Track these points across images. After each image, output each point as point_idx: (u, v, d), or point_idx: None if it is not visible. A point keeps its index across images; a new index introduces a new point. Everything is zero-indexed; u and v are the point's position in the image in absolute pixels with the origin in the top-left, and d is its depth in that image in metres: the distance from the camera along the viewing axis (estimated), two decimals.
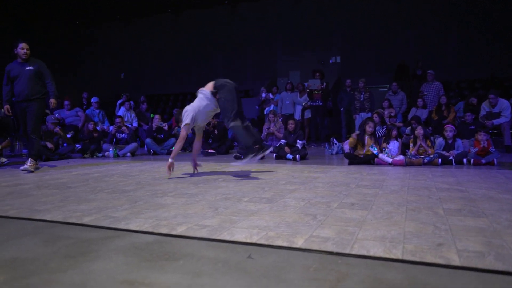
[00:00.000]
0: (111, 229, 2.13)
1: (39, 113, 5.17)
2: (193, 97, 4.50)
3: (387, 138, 5.56)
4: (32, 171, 4.95)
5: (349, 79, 9.90)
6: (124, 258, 1.68)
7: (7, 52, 5.42)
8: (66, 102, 8.79)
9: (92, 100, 9.47)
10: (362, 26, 14.00)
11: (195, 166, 4.53)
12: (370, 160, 5.40)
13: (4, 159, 6.02)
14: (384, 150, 5.37)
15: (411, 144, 5.46)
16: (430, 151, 5.32)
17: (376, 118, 6.68)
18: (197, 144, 4.63)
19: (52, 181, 4.05)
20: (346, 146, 6.59)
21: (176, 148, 4.20)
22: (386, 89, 12.56)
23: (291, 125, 6.57)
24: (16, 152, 8.20)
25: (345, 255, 1.66)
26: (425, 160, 5.21)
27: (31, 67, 5.08)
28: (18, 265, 1.61)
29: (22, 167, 4.99)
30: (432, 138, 5.84)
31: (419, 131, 5.42)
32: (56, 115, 8.01)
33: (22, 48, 5.04)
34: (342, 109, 9.57)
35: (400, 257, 1.61)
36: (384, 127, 6.42)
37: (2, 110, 9.83)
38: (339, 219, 2.26)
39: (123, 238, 1.97)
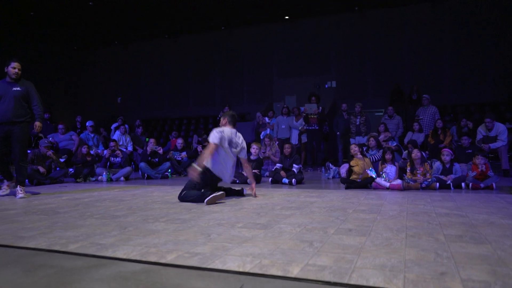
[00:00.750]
0: (97, 257, 2.03)
1: (25, 138, 4.90)
2: (188, 122, 4.46)
3: (383, 160, 5.51)
4: (23, 197, 4.76)
5: (345, 103, 9.93)
6: None
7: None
8: (60, 126, 8.72)
9: (87, 124, 9.42)
10: (358, 50, 14.21)
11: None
12: (367, 184, 5.32)
13: None
14: (381, 174, 5.30)
15: (408, 168, 5.40)
16: (427, 175, 5.25)
17: (372, 142, 6.65)
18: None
19: (41, 206, 3.94)
20: (343, 170, 6.52)
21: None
22: (382, 113, 12.62)
23: (287, 149, 6.51)
24: None
25: (343, 285, 1.57)
26: (423, 185, 5.14)
27: (19, 88, 4.82)
28: None
29: (18, 197, 4.71)
30: (429, 162, 5.78)
31: (416, 154, 5.37)
32: (50, 138, 7.93)
33: (14, 68, 4.80)
34: (338, 133, 9.56)
35: (401, 287, 1.52)
36: (381, 151, 6.37)
37: None
38: (337, 246, 2.16)
39: (109, 267, 1.87)
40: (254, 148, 6.76)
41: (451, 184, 5.16)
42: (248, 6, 13.47)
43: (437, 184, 5.13)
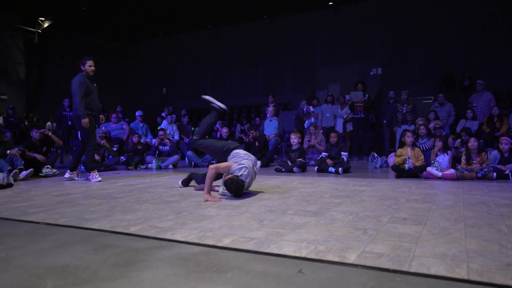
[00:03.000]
0: (157, 239, 2.13)
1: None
2: (232, 111, 4.50)
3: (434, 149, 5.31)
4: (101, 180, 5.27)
5: (392, 91, 9.62)
6: (172, 268, 1.65)
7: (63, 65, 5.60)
8: (113, 115, 9.12)
9: (136, 114, 9.77)
10: (404, 35, 13.67)
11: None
12: (417, 173, 5.16)
13: (55, 170, 6.28)
14: (433, 163, 5.11)
15: (463, 158, 5.17)
16: (484, 165, 5.00)
17: (422, 130, 6.41)
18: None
19: (99, 192, 4.16)
20: (391, 159, 6.35)
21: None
22: (430, 101, 12.11)
23: (333, 138, 6.43)
24: (66, 164, 8.55)
25: (403, 273, 1.55)
26: (479, 175, 4.90)
27: (95, 84, 5.35)
28: (69, 272, 1.63)
29: (94, 180, 5.22)
30: (485, 150, 5.50)
31: (473, 143, 5.11)
32: (103, 128, 8.31)
33: (90, 66, 5.23)
34: (384, 121, 9.30)
35: (465, 277, 1.48)
36: (432, 139, 6.14)
37: (54, 123, 10.33)
38: (392, 234, 2.13)
39: (170, 248, 1.95)
40: (293, 138, 6.75)
41: (510, 174, 4.88)
42: None
43: (494, 174, 4.87)
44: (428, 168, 5.07)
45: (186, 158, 8.13)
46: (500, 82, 11.41)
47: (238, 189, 3.43)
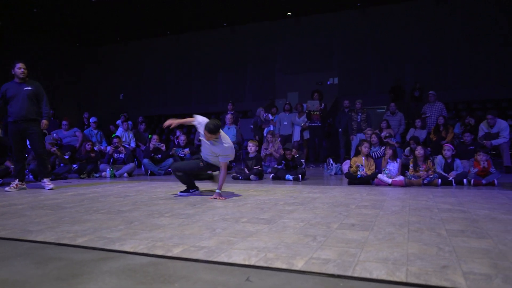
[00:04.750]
0: (105, 251, 2.07)
1: (42, 134, 5.19)
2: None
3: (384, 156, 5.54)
4: (53, 188, 5.07)
5: (347, 100, 9.95)
6: (118, 281, 1.61)
7: (7, 72, 5.38)
8: (64, 122, 8.77)
9: (90, 120, 9.47)
10: (359, 46, 14.19)
11: None
12: (369, 180, 5.35)
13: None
14: (384, 170, 5.33)
15: (411, 165, 5.43)
16: (430, 172, 5.28)
17: (374, 139, 6.67)
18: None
19: (47, 202, 3.98)
20: (345, 167, 6.55)
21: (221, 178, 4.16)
22: (383, 110, 12.63)
23: (288, 155, 6.36)
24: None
25: (347, 278, 1.60)
26: (425, 181, 5.17)
27: (29, 88, 5.06)
28: (7, 287, 1.55)
29: (48, 188, 5.07)
30: (431, 158, 5.81)
31: (419, 151, 5.39)
32: (54, 135, 7.98)
33: (20, 68, 5.03)
34: (340, 130, 9.58)
35: (404, 279, 1.55)
36: (383, 147, 6.40)
37: (1, 130, 9.79)
38: (340, 240, 2.20)
39: (117, 260, 1.91)
40: (250, 146, 6.81)
41: (453, 180, 5.18)
42: (251, 3, 13.46)
43: (439, 180, 5.16)
44: (379, 175, 5.28)
45: (142, 166, 7.96)
46: (447, 94, 12.10)
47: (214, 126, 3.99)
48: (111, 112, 16.35)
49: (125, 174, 7.34)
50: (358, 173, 5.40)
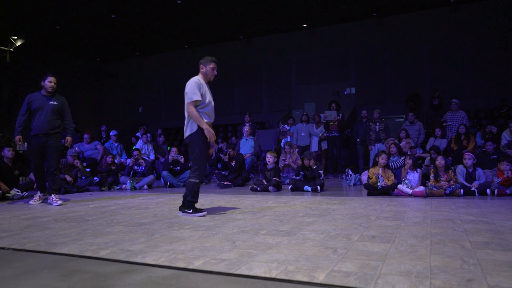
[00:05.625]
0: (127, 263, 2.10)
1: (59, 148, 5.17)
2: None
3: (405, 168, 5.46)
4: (61, 204, 4.97)
5: (365, 110, 9.88)
6: None
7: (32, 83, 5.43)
8: (86, 136, 8.97)
9: (110, 134, 9.65)
10: (377, 57, 14.14)
11: None
12: (389, 191, 5.28)
13: (24, 193, 6.11)
14: (404, 180, 5.26)
15: (431, 175, 5.34)
16: (451, 182, 5.18)
17: (393, 149, 6.59)
18: None
19: (70, 214, 4.07)
20: (364, 177, 6.48)
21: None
22: (402, 119, 12.50)
23: (306, 161, 6.36)
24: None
25: None
26: (447, 191, 5.07)
27: (55, 102, 5.09)
28: None
29: (55, 204, 4.92)
30: (453, 168, 5.70)
31: (440, 161, 5.30)
32: (76, 148, 8.16)
33: (50, 82, 5.04)
34: (358, 140, 9.51)
35: None
36: (402, 157, 6.31)
37: (24, 144, 10.04)
38: (361, 252, 2.18)
39: (140, 272, 1.94)
40: (269, 158, 6.81)
41: (476, 190, 5.07)
42: (266, 15, 13.61)
43: (461, 190, 5.05)
44: (399, 186, 5.21)
45: (161, 178, 8.05)
46: (467, 102, 11.90)
47: None
48: (131, 125, 16.66)
49: (145, 186, 7.43)
50: (378, 183, 5.34)
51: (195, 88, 3.86)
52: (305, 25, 14.86)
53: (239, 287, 1.69)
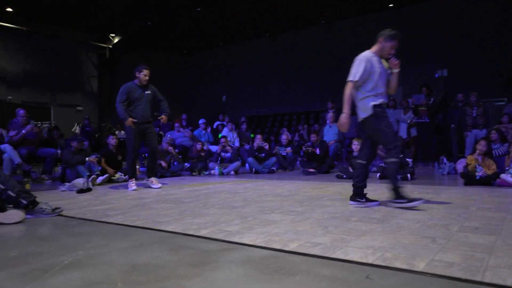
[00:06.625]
0: (226, 242, 2.25)
1: (156, 133, 5.69)
2: (290, 118, 4.55)
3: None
4: (160, 187, 5.41)
5: (460, 94, 9.14)
6: (243, 270, 1.75)
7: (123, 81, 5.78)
8: (176, 124, 9.58)
9: (199, 122, 10.18)
10: (471, 34, 12.91)
11: None
12: (490, 181, 4.87)
13: (127, 176, 6.74)
14: (508, 169, 4.80)
15: None
16: None
17: (494, 135, 6.04)
18: None
19: (168, 197, 4.42)
20: (460, 166, 6.04)
21: None
22: (503, 103, 11.31)
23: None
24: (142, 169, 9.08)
25: (476, 283, 1.52)
26: None
27: (149, 92, 5.49)
28: (150, 269, 1.78)
29: (155, 186, 5.39)
30: None
31: None
32: (169, 136, 8.76)
33: (145, 75, 5.40)
34: (452, 125, 8.84)
35: None
36: (506, 144, 5.76)
37: (122, 132, 10.97)
38: (463, 243, 2.07)
39: (239, 251, 2.06)
40: (355, 145, 6.64)
41: None
42: None
43: None
44: (502, 175, 4.77)
45: (246, 164, 8.32)
46: None
47: None
48: (216, 114, 17.37)
49: (232, 172, 7.75)
50: (477, 173, 4.94)
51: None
52: (391, 5, 14.10)
53: (336, 270, 1.71)
